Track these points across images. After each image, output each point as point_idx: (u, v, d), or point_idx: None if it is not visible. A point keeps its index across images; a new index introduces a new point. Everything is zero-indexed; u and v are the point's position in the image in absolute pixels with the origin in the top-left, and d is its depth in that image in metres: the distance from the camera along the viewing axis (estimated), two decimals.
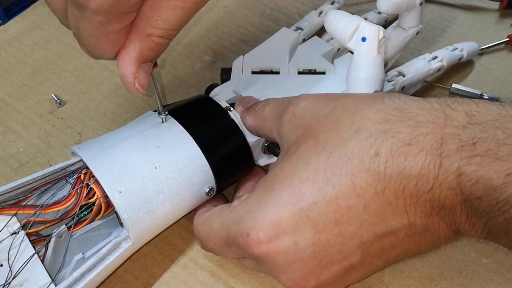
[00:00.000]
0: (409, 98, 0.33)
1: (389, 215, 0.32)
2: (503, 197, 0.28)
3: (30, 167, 0.47)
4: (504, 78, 0.54)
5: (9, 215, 0.35)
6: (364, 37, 0.39)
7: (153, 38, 0.32)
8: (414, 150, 0.30)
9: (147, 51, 0.33)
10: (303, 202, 0.32)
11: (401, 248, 0.34)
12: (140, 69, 0.33)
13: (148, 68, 0.34)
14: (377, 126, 0.32)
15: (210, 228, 0.36)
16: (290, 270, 0.34)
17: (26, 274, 0.34)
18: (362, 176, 0.31)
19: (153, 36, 0.32)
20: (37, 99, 0.53)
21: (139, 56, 0.33)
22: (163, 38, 0.32)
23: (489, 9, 0.61)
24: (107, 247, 0.35)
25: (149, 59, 0.33)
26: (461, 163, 0.29)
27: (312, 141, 0.34)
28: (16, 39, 0.58)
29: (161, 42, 0.33)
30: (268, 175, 0.35)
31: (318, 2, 0.61)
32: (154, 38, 0.32)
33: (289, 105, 0.37)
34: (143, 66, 0.33)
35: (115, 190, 0.35)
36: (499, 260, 0.40)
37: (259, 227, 0.33)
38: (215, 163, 0.38)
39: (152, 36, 0.32)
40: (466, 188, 0.29)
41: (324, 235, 0.32)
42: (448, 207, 0.31)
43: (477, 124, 0.30)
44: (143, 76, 0.33)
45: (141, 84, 0.33)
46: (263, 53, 0.48)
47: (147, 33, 0.32)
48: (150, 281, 0.40)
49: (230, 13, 0.61)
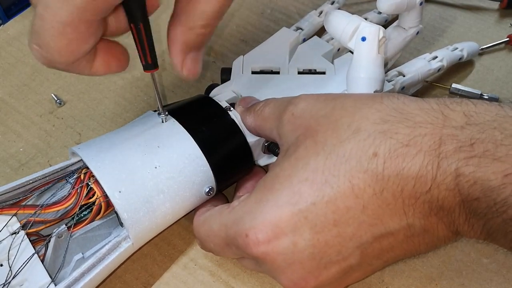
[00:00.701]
0: (408, 99, 0.33)
1: (388, 216, 0.32)
2: (501, 198, 0.29)
3: (30, 167, 0.47)
4: (504, 78, 0.54)
5: (9, 215, 0.35)
6: (364, 36, 0.39)
7: (195, 31, 0.34)
8: (412, 151, 0.30)
9: (191, 42, 0.35)
10: (302, 202, 0.32)
11: (400, 249, 0.34)
12: (187, 58, 0.35)
13: (195, 56, 0.36)
14: (376, 127, 0.32)
15: (210, 229, 0.36)
16: (289, 270, 0.34)
17: (26, 274, 0.34)
18: (360, 177, 0.31)
19: (195, 29, 0.34)
20: (37, 99, 0.53)
21: (184, 47, 0.35)
22: (204, 29, 0.34)
23: (489, 9, 0.61)
24: (107, 247, 0.35)
25: (196, 47, 0.35)
26: (459, 164, 0.29)
27: (311, 141, 0.34)
28: (16, 39, 0.58)
29: (203, 33, 0.34)
30: (267, 175, 0.35)
31: (318, 2, 0.61)
32: (196, 30, 0.34)
33: (288, 105, 0.37)
34: (190, 55, 0.35)
35: (115, 190, 0.35)
36: (499, 260, 0.40)
37: (258, 228, 0.33)
38: (215, 163, 0.38)
39: (194, 29, 0.34)
40: (464, 189, 0.30)
41: (323, 236, 0.32)
42: (447, 208, 0.31)
43: (475, 124, 0.30)
44: (190, 63, 0.36)
45: (189, 70, 0.36)
46: (263, 53, 0.48)
47: (188, 26, 0.34)
48: (150, 281, 0.40)
49: (230, 13, 0.61)
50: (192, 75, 0.36)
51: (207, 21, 0.34)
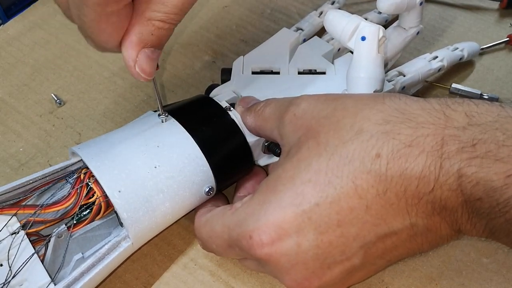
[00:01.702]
0: (410, 99, 0.33)
1: (391, 216, 0.32)
2: (504, 199, 0.29)
3: (30, 167, 0.47)
4: (504, 77, 0.54)
5: (9, 215, 0.35)
6: (364, 36, 0.39)
7: (153, 22, 0.32)
8: (415, 152, 0.30)
9: (147, 35, 0.32)
10: (305, 204, 0.32)
11: (403, 248, 0.34)
12: (141, 53, 0.33)
13: (151, 53, 0.33)
14: (378, 127, 0.32)
15: (212, 230, 0.36)
16: (293, 271, 0.34)
17: (26, 274, 0.34)
18: (364, 178, 0.31)
19: (153, 20, 0.32)
20: (37, 99, 0.53)
21: (139, 40, 0.32)
22: (163, 23, 0.32)
23: (489, 9, 0.61)
24: (107, 246, 0.35)
25: (152, 43, 0.33)
26: (462, 164, 0.29)
27: (314, 142, 0.34)
28: (16, 39, 0.58)
29: (162, 27, 0.32)
30: (270, 177, 0.35)
31: (318, 2, 0.61)
32: (154, 22, 0.32)
33: (290, 105, 0.37)
34: (145, 51, 0.33)
35: (114, 189, 0.35)
36: (499, 260, 0.40)
37: (261, 229, 0.33)
38: (215, 163, 0.38)
39: (152, 20, 0.32)
40: (467, 190, 0.30)
41: (327, 236, 0.32)
42: (450, 208, 0.31)
43: (477, 125, 0.30)
44: (144, 60, 0.33)
45: (142, 69, 0.33)
46: (263, 54, 0.48)
47: (146, 16, 0.32)
48: (150, 281, 0.40)
49: (230, 13, 0.61)
50: (144, 74, 0.33)
51: (168, 14, 0.32)
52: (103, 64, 0.55)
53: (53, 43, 0.58)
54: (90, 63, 0.55)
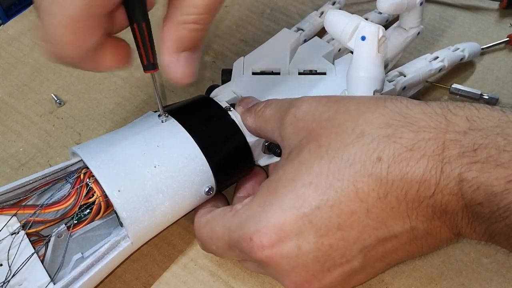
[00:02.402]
0: (411, 102, 0.33)
1: (392, 219, 0.32)
2: (504, 204, 0.29)
3: (30, 167, 0.47)
4: (504, 77, 0.54)
5: (9, 215, 0.35)
6: (364, 36, 0.39)
7: (186, 26, 0.32)
8: (416, 156, 0.30)
9: (183, 39, 0.33)
10: (306, 206, 0.32)
11: (403, 251, 0.34)
12: (179, 58, 0.33)
13: (189, 56, 0.33)
14: (380, 131, 0.32)
15: (213, 231, 0.36)
16: (293, 273, 0.34)
17: (26, 274, 0.34)
18: (365, 181, 0.31)
19: (186, 24, 0.32)
20: (37, 99, 0.53)
21: (176, 45, 0.33)
22: (196, 24, 0.32)
23: (489, 9, 0.61)
24: (106, 246, 0.35)
25: (188, 47, 0.33)
26: (462, 169, 0.29)
27: (315, 144, 0.34)
28: (16, 39, 0.58)
29: (196, 29, 0.33)
30: (270, 178, 0.35)
31: (318, 2, 0.61)
32: (187, 26, 0.32)
33: (290, 107, 0.37)
34: (183, 55, 0.33)
35: (114, 188, 0.35)
36: (499, 260, 0.40)
37: (262, 232, 0.33)
38: (215, 163, 0.38)
39: (185, 24, 0.32)
40: (467, 194, 0.30)
41: (327, 239, 0.32)
42: (450, 212, 0.31)
43: (478, 130, 0.30)
44: (184, 63, 0.33)
45: (183, 71, 0.34)
46: (263, 54, 0.48)
47: (179, 21, 0.32)
48: (150, 281, 0.40)
49: (230, 13, 0.61)
50: (186, 78, 0.34)
51: (199, 15, 0.32)
52: None
53: None
54: None
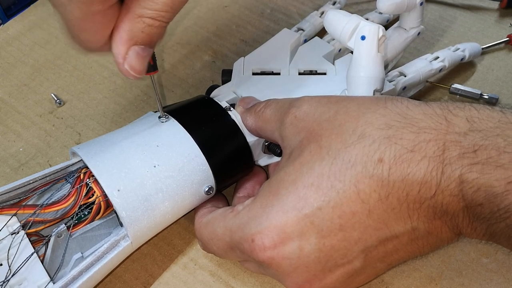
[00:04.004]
0: (411, 103, 0.33)
1: (393, 220, 0.32)
2: (504, 205, 0.29)
3: (30, 167, 0.47)
4: (504, 77, 0.54)
5: (9, 215, 0.35)
6: (364, 35, 0.39)
7: (143, 19, 0.31)
8: (417, 157, 0.31)
9: (137, 33, 0.32)
10: (307, 207, 0.32)
11: (404, 252, 0.34)
12: (131, 51, 0.32)
13: (141, 51, 0.32)
14: (381, 132, 0.32)
15: (213, 232, 0.36)
16: (294, 274, 0.34)
17: (25, 273, 0.34)
18: (366, 182, 0.31)
19: (143, 17, 0.31)
20: (37, 99, 0.53)
21: (129, 36, 0.32)
22: (154, 20, 0.31)
23: (489, 9, 0.61)
24: (106, 245, 0.35)
25: (142, 41, 0.32)
26: (463, 170, 0.30)
27: (316, 145, 0.34)
28: (16, 39, 0.58)
29: (152, 24, 0.32)
30: (271, 179, 0.35)
31: (318, 2, 0.61)
32: (144, 19, 0.31)
33: (291, 107, 0.37)
34: (135, 48, 0.32)
35: (113, 188, 0.35)
36: (499, 260, 0.40)
37: (264, 233, 0.33)
38: (215, 162, 0.38)
39: (143, 17, 0.31)
40: (468, 195, 0.30)
41: (329, 240, 0.32)
42: (451, 212, 0.31)
43: (478, 131, 0.30)
44: (133, 58, 0.32)
45: (131, 66, 0.32)
46: (264, 54, 0.48)
47: (137, 13, 0.31)
48: (149, 280, 0.40)
49: (230, 13, 0.61)
50: (133, 72, 0.33)
51: (159, 12, 0.31)
52: (103, 64, 0.55)
53: (53, 43, 0.58)
54: (90, 63, 0.55)
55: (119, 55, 0.32)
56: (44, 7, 0.61)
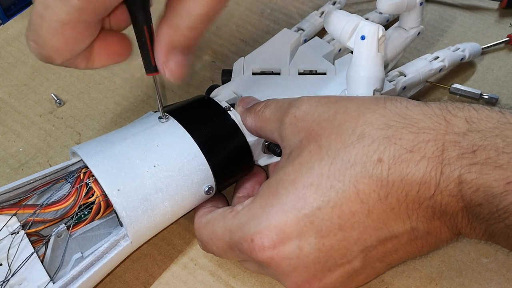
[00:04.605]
0: (411, 103, 0.33)
1: (392, 220, 0.32)
2: (503, 205, 0.29)
3: (30, 167, 0.47)
4: (504, 77, 0.54)
5: (9, 215, 0.35)
6: (364, 35, 0.39)
7: (180, 31, 0.32)
8: (416, 157, 0.31)
9: (175, 42, 0.33)
10: (307, 207, 0.32)
11: (404, 252, 0.34)
12: (171, 59, 0.34)
13: (180, 58, 0.34)
14: (380, 132, 0.32)
15: (213, 232, 0.36)
16: (294, 274, 0.34)
17: (25, 273, 0.34)
18: (366, 182, 0.31)
19: (181, 29, 0.32)
20: (37, 99, 0.53)
21: (168, 47, 0.33)
22: (191, 31, 0.33)
23: (489, 9, 0.61)
24: (106, 245, 0.35)
25: (180, 49, 0.34)
26: (462, 170, 0.30)
27: (315, 145, 0.34)
28: (16, 39, 0.58)
29: (189, 35, 0.33)
30: (271, 179, 0.35)
31: (318, 2, 0.61)
32: (181, 32, 0.32)
33: (290, 107, 0.37)
34: (174, 57, 0.34)
35: (113, 188, 0.35)
36: (499, 260, 0.40)
37: (263, 233, 0.33)
38: (214, 162, 0.38)
39: (179, 29, 0.32)
40: (467, 196, 0.30)
41: (328, 240, 0.32)
42: (450, 213, 0.31)
43: (477, 131, 0.30)
44: (173, 64, 0.34)
45: (171, 72, 0.34)
46: (263, 54, 0.48)
47: (174, 25, 0.32)
48: (149, 280, 0.40)
49: (230, 13, 0.61)
50: (174, 78, 0.34)
51: (193, 23, 0.32)
52: None
53: None
54: None
55: (160, 63, 0.34)
56: None
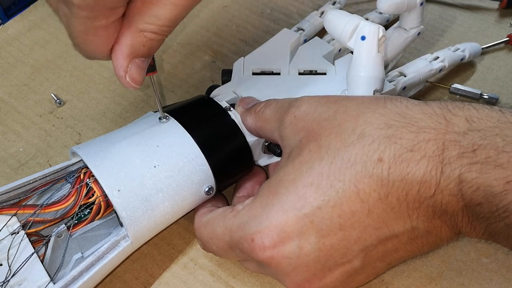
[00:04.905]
0: (411, 102, 0.33)
1: (392, 219, 0.32)
2: (503, 204, 0.29)
3: (30, 167, 0.47)
4: (504, 77, 0.54)
5: (9, 215, 0.35)
6: (364, 35, 0.39)
7: (145, 34, 0.32)
8: (417, 157, 0.31)
9: (139, 46, 0.32)
10: (307, 207, 0.32)
11: (404, 251, 0.34)
12: (132, 64, 0.33)
13: (141, 63, 0.33)
14: (380, 132, 0.32)
15: (213, 231, 0.36)
16: (294, 273, 0.34)
17: (25, 273, 0.34)
18: (366, 182, 0.31)
19: (145, 32, 0.31)
20: (37, 99, 0.53)
21: (130, 50, 0.32)
22: (156, 34, 0.32)
23: (489, 9, 0.61)
24: (106, 245, 0.35)
25: (142, 54, 0.33)
26: (462, 170, 0.30)
27: (315, 145, 0.34)
28: (16, 39, 0.58)
29: (154, 38, 0.32)
30: (271, 179, 0.35)
31: (318, 2, 0.61)
32: (146, 34, 0.32)
33: (290, 107, 0.37)
34: (135, 61, 0.33)
35: (113, 188, 0.35)
36: (499, 260, 0.40)
37: (264, 232, 0.33)
38: (215, 162, 0.38)
39: (144, 32, 0.31)
40: (467, 195, 0.30)
41: (328, 239, 0.32)
42: (450, 212, 0.31)
43: (477, 130, 0.30)
44: (134, 70, 0.33)
45: (132, 78, 0.33)
46: (263, 54, 0.48)
47: (139, 28, 0.31)
48: (150, 280, 0.40)
49: (230, 13, 0.61)
50: (134, 83, 0.33)
51: (161, 27, 0.31)
52: (103, 64, 0.55)
53: (53, 43, 0.58)
54: (90, 63, 0.55)
55: (121, 69, 0.33)
56: (44, 7, 0.61)
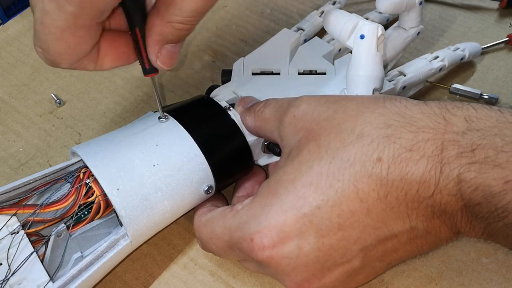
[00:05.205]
0: (410, 102, 0.33)
1: (392, 219, 0.32)
2: (502, 204, 0.29)
3: (30, 167, 0.48)
4: (504, 77, 0.54)
5: (9, 215, 0.35)
6: (363, 34, 0.39)
7: (173, 25, 0.33)
8: (416, 156, 0.31)
9: (167, 35, 0.34)
10: (306, 207, 0.32)
11: (403, 251, 0.34)
12: (163, 49, 0.35)
13: (172, 48, 0.35)
14: (379, 131, 0.32)
15: (213, 231, 0.36)
16: (294, 273, 0.34)
17: (25, 273, 0.34)
18: (365, 181, 0.31)
19: (173, 23, 0.33)
20: (37, 99, 0.53)
21: (160, 38, 0.34)
22: (182, 25, 0.33)
23: (489, 9, 0.61)
24: (105, 244, 0.35)
25: (172, 41, 0.35)
26: (461, 170, 0.30)
27: (314, 144, 0.34)
28: (16, 39, 0.58)
29: (181, 28, 0.34)
30: (271, 179, 0.35)
31: (318, 2, 0.61)
32: (174, 25, 0.33)
33: (290, 107, 0.37)
34: (166, 47, 0.35)
35: (113, 187, 0.35)
36: (499, 260, 0.40)
37: (263, 232, 0.33)
38: (214, 162, 0.38)
39: (172, 23, 0.33)
40: (466, 195, 0.30)
41: (328, 239, 0.32)
42: (449, 212, 0.31)
43: (476, 130, 0.30)
44: (165, 55, 0.35)
45: (163, 61, 0.35)
46: (263, 54, 0.48)
47: (166, 19, 0.33)
48: (149, 280, 0.40)
49: (230, 13, 0.61)
50: (166, 66, 0.36)
51: (185, 18, 0.33)
52: None
53: None
54: None
55: (153, 54, 0.35)
56: None
